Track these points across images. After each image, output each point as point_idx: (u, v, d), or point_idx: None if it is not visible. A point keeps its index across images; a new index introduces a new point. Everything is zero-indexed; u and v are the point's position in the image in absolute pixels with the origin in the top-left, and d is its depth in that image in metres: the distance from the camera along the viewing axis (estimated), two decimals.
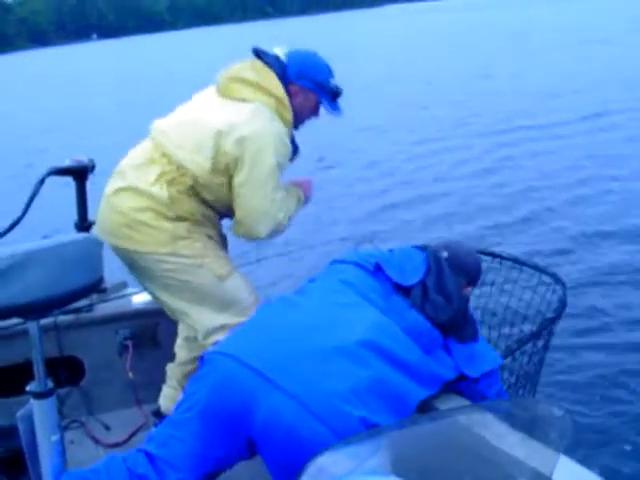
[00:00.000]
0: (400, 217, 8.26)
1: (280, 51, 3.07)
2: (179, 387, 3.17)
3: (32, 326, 2.26)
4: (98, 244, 2.37)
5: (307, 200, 3.24)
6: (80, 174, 3.46)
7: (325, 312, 2.27)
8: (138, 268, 2.97)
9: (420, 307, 2.35)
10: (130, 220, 2.86)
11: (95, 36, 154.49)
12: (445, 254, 2.59)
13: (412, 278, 2.44)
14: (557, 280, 2.89)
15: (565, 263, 6.16)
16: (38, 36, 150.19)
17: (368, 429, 1.94)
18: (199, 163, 2.85)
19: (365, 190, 9.74)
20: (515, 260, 3.11)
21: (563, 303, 2.76)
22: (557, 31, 34.51)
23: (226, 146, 2.82)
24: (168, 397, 3.23)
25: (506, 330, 3.15)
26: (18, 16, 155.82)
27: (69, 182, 3.48)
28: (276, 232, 3.03)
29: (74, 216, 3.53)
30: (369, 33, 56.27)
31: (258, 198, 2.88)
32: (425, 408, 2.21)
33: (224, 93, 2.96)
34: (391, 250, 2.62)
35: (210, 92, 3.06)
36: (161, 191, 2.85)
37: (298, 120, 3.06)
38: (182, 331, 3.28)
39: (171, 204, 2.85)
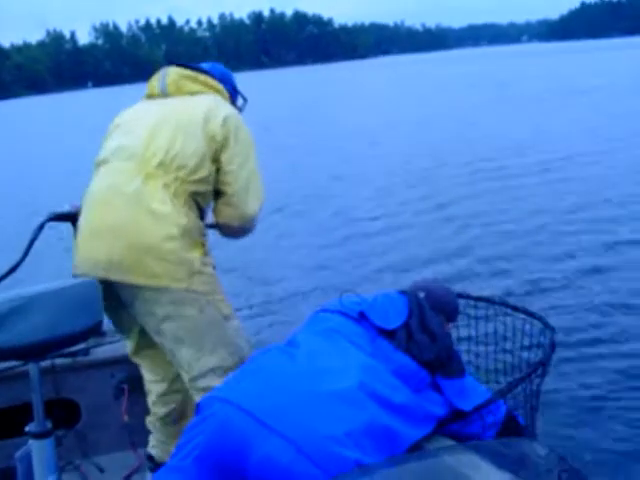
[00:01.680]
0: (370, 264, 8.32)
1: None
2: (166, 439, 3.13)
3: (32, 368, 2.31)
4: (98, 288, 2.44)
5: None
6: (78, 219, 3.51)
7: (317, 360, 2.30)
8: (136, 303, 2.79)
9: (406, 348, 2.39)
10: (155, 251, 2.67)
11: (91, 84, 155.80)
12: (422, 294, 2.67)
13: (395, 321, 2.48)
14: (546, 324, 2.94)
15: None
16: (35, 83, 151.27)
17: (357, 468, 1.98)
18: (195, 153, 2.80)
19: (331, 238, 9.80)
20: (503, 304, 3.17)
21: (552, 347, 2.81)
22: (543, 81, 35.76)
23: (215, 129, 2.84)
24: (157, 447, 3.18)
25: (495, 374, 3.21)
26: (15, 63, 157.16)
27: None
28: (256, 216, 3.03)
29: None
30: (360, 82, 57.09)
31: (247, 172, 2.91)
32: (415, 449, 2.25)
33: (175, 91, 2.99)
34: (374, 297, 2.65)
35: (147, 103, 3.05)
36: (175, 209, 2.72)
37: None
38: (153, 388, 3.14)
39: (187, 223, 2.75)
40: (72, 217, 3.44)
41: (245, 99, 3.33)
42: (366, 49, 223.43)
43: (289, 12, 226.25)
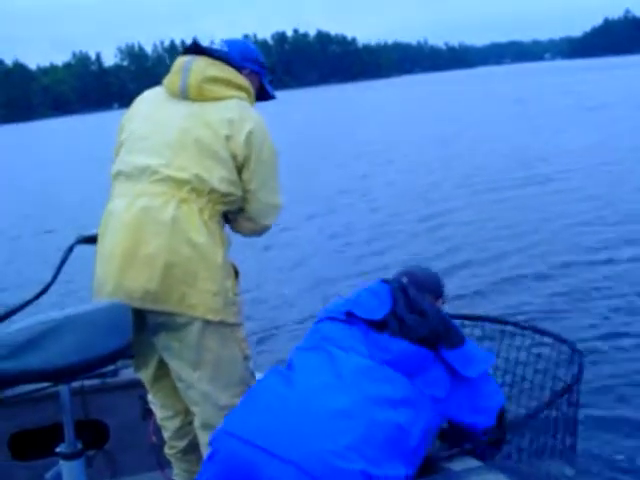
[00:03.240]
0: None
1: (216, 44, 3.02)
2: (190, 467, 3.09)
3: (63, 389, 2.33)
4: (128, 310, 2.46)
5: None
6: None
7: (311, 378, 2.34)
8: (162, 330, 2.73)
9: (400, 333, 2.41)
10: (192, 281, 2.64)
11: (116, 105, 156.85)
12: (405, 279, 2.73)
13: (382, 310, 2.49)
14: (574, 349, 2.93)
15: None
16: (61, 104, 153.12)
17: None
18: (224, 177, 2.74)
19: (330, 251, 9.94)
20: (533, 329, 3.16)
21: (580, 372, 2.80)
22: (560, 98, 36.28)
23: (236, 150, 2.75)
24: (181, 476, 3.15)
25: (524, 398, 3.21)
26: (42, 84, 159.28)
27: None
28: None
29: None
30: (383, 101, 57.46)
31: (267, 189, 2.88)
32: (439, 470, 2.25)
33: (196, 96, 2.82)
34: (358, 292, 2.65)
35: (167, 101, 2.89)
36: (212, 239, 2.69)
37: None
38: (168, 425, 3.10)
39: (223, 252, 2.75)
40: None
41: (271, 73, 3.21)
42: (389, 68, 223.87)
43: (312, 32, 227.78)
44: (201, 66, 2.85)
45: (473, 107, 37.31)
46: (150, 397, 3.10)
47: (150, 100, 2.97)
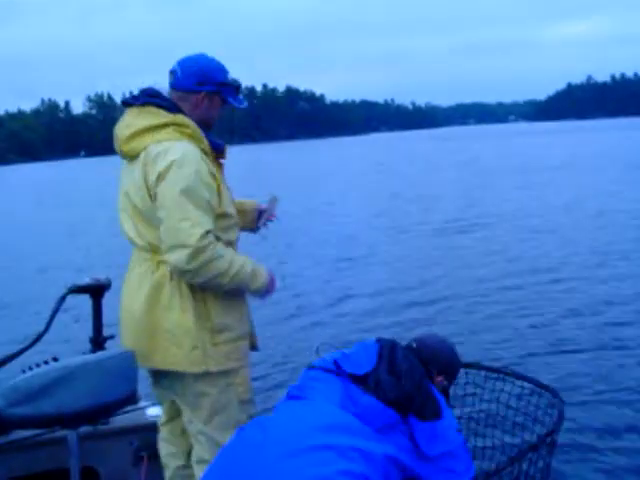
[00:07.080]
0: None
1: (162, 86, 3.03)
2: None
3: (71, 435, 2.41)
4: (134, 357, 2.57)
5: (266, 292, 3.10)
6: (97, 292, 3.61)
7: (283, 427, 2.39)
8: (166, 377, 2.98)
9: (374, 391, 2.48)
10: (170, 337, 2.85)
11: (83, 153, 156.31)
12: (414, 345, 2.83)
13: (366, 367, 2.57)
14: (555, 395, 3.05)
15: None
16: (28, 150, 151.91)
17: None
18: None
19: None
20: (515, 375, 3.30)
21: (561, 418, 2.90)
22: (511, 159, 38.93)
23: (152, 189, 2.82)
24: None
25: (506, 441, 3.33)
26: (9, 130, 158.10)
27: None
28: (210, 273, 2.78)
29: (88, 332, 3.65)
30: (347, 158, 58.25)
31: (172, 219, 2.74)
32: None
33: (132, 155, 2.91)
34: (353, 347, 2.75)
35: (125, 167, 3.01)
36: (182, 292, 2.86)
37: (210, 122, 3.07)
38: (170, 462, 3.25)
39: (193, 299, 2.88)
40: (92, 289, 3.58)
41: (239, 85, 3.12)
42: (357, 126, 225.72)
43: (281, 87, 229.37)
44: (122, 127, 2.96)
45: (427, 167, 39.06)
46: (160, 434, 3.29)
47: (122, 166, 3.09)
